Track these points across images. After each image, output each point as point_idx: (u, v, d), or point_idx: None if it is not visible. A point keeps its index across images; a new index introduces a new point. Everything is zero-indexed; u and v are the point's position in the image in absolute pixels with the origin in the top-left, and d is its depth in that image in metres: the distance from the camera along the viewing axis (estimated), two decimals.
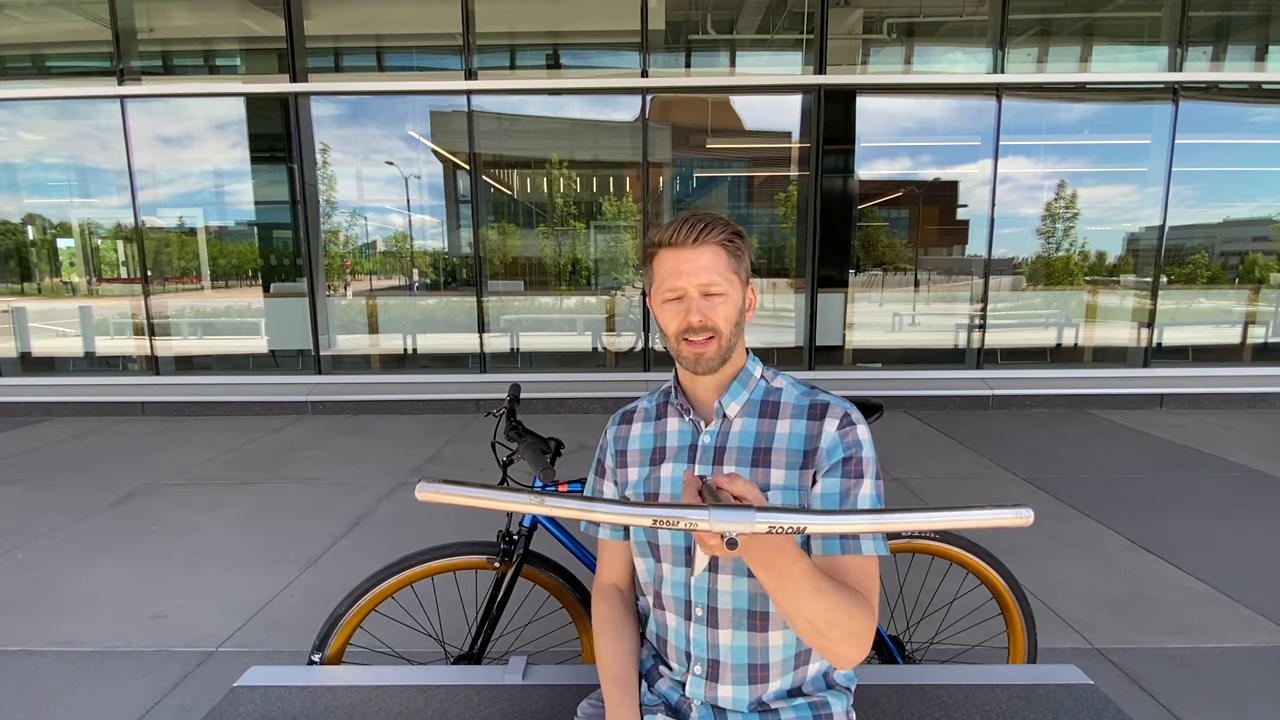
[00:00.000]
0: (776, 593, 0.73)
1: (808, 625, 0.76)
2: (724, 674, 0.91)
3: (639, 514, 0.60)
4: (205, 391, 5.53)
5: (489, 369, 5.86)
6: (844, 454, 0.89)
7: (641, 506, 0.61)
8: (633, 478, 1.00)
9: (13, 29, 5.70)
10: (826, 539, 0.86)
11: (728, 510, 0.59)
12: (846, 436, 0.90)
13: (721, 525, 0.58)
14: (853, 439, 0.89)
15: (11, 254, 6.11)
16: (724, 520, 0.58)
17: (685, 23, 5.77)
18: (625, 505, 0.61)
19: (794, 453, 0.90)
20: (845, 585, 0.81)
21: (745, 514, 0.59)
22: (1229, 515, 3.14)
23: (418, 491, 0.60)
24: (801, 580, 0.72)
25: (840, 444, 0.89)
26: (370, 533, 3.02)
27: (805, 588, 0.72)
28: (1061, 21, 5.60)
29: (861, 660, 0.81)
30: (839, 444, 0.89)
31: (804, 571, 0.72)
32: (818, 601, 0.74)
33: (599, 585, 1.07)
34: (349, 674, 1.21)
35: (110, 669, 2.02)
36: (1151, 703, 1.82)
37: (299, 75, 5.49)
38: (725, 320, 0.91)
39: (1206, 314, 5.99)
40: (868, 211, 5.99)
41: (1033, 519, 0.56)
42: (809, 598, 0.73)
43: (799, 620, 0.75)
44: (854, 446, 0.89)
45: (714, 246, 0.91)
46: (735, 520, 0.58)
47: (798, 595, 0.73)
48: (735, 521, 0.58)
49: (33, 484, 3.74)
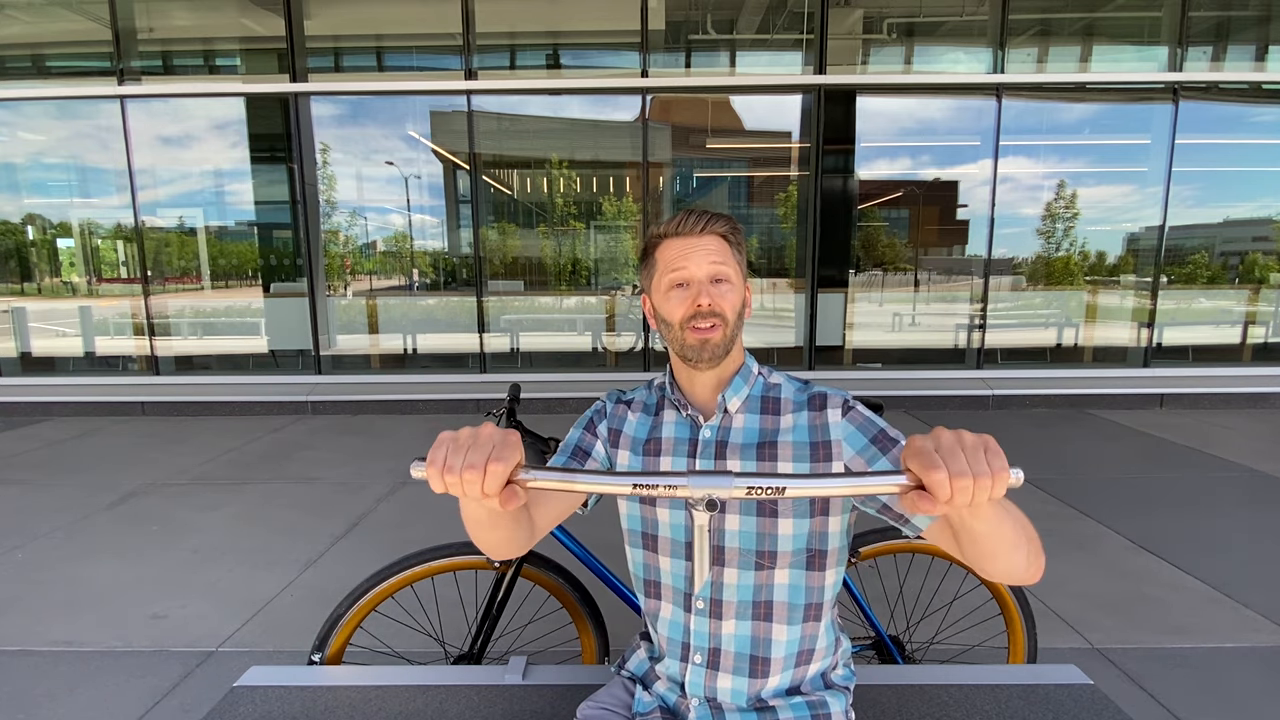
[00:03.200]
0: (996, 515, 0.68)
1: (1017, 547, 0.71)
2: (725, 662, 0.92)
3: (619, 483, 0.61)
4: (205, 391, 5.53)
5: (489, 369, 5.86)
6: (867, 435, 0.88)
7: (621, 475, 0.61)
8: (624, 461, 1.00)
9: (13, 29, 5.69)
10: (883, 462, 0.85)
11: (706, 476, 0.59)
12: (855, 420, 0.90)
13: (701, 490, 0.59)
14: (861, 420, 0.90)
15: (11, 254, 6.11)
16: (703, 485, 0.59)
17: (685, 23, 5.77)
18: (605, 475, 0.61)
19: (801, 444, 0.90)
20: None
21: (723, 478, 0.59)
22: (1229, 515, 3.14)
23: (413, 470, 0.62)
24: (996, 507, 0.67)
25: (855, 429, 0.89)
26: (370, 533, 3.02)
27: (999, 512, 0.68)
28: (1061, 21, 5.60)
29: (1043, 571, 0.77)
30: (853, 430, 0.89)
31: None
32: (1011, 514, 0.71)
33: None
34: (349, 674, 1.21)
35: (110, 669, 2.02)
36: (1151, 703, 1.82)
37: (299, 75, 5.49)
38: (731, 309, 0.91)
39: (1206, 314, 5.99)
40: (868, 211, 5.99)
41: (1022, 479, 0.55)
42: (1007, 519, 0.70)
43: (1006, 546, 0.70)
44: (869, 424, 0.89)
45: (718, 237, 0.92)
46: (714, 485, 0.59)
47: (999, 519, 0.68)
48: (714, 486, 0.59)
49: (33, 484, 3.74)
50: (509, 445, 0.62)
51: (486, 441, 0.62)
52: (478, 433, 0.63)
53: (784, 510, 0.89)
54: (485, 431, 0.63)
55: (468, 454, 0.61)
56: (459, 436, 0.63)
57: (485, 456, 0.61)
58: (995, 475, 0.55)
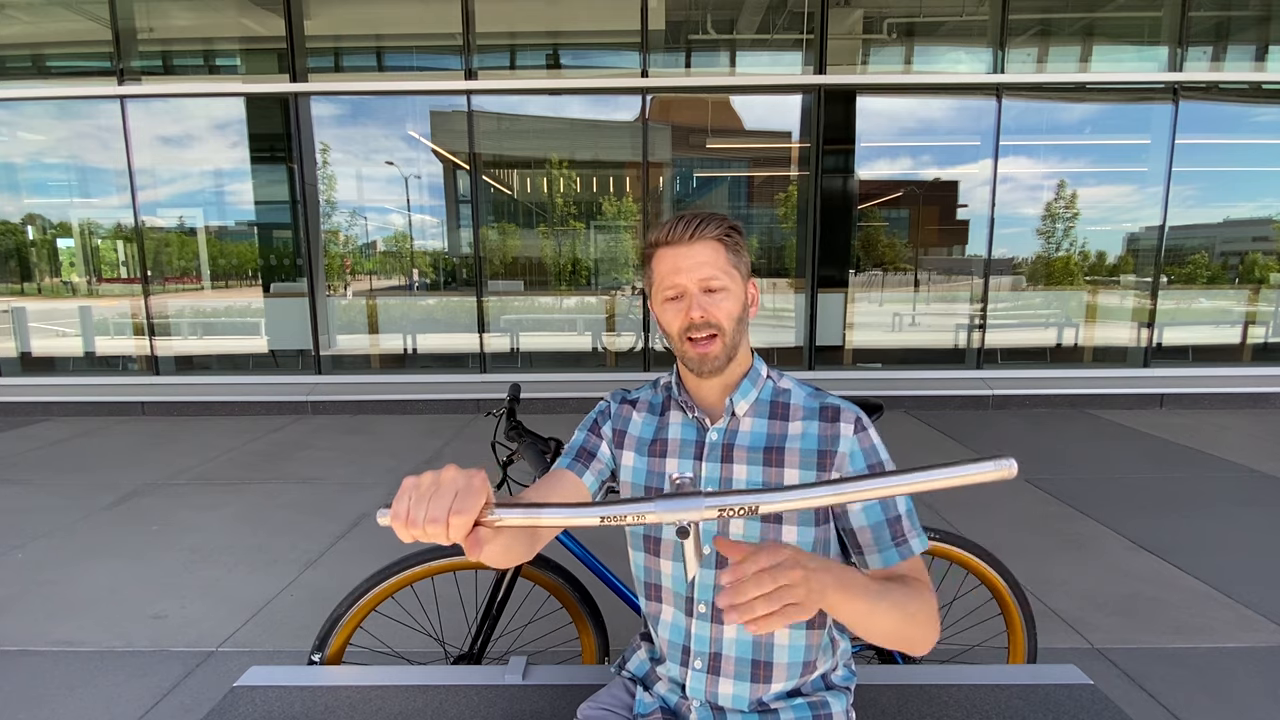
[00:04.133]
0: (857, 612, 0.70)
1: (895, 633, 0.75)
2: (726, 667, 0.91)
3: (586, 514, 0.58)
4: (205, 391, 5.53)
5: (489, 369, 5.86)
6: (866, 461, 0.89)
7: (588, 507, 0.59)
8: (629, 462, 0.99)
9: (13, 29, 5.70)
10: (884, 552, 0.86)
11: (674, 500, 0.56)
12: (864, 442, 0.90)
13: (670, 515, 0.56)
14: (869, 444, 0.90)
15: (11, 254, 6.11)
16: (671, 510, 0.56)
17: (685, 23, 5.77)
18: (571, 508, 0.59)
19: (808, 452, 0.90)
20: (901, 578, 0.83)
21: (692, 501, 0.56)
22: (1229, 515, 3.14)
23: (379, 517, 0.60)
24: (871, 587, 0.72)
25: (860, 450, 0.89)
26: (371, 533, 3.02)
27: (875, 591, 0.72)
28: (1061, 21, 5.60)
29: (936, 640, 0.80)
30: (859, 451, 0.89)
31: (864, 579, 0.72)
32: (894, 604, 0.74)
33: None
34: (349, 674, 1.21)
35: (110, 669, 2.02)
36: (1151, 703, 1.82)
37: (299, 75, 5.49)
38: (727, 317, 0.90)
39: (1206, 314, 5.99)
40: (868, 211, 5.99)
41: (1016, 470, 0.52)
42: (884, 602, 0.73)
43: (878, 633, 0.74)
44: (873, 452, 0.90)
45: (711, 242, 0.90)
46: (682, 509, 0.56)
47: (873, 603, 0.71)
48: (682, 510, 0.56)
49: (33, 484, 3.74)
50: (472, 491, 0.59)
51: (449, 489, 0.59)
52: (439, 478, 0.60)
53: (789, 518, 0.88)
54: (447, 476, 0.60)
55: (429, 506, 0.58)
56: (421, 484, 0.60)
57: (447, 509, 0.58)
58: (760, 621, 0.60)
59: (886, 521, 0.87)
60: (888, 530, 0.86)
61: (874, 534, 0.87)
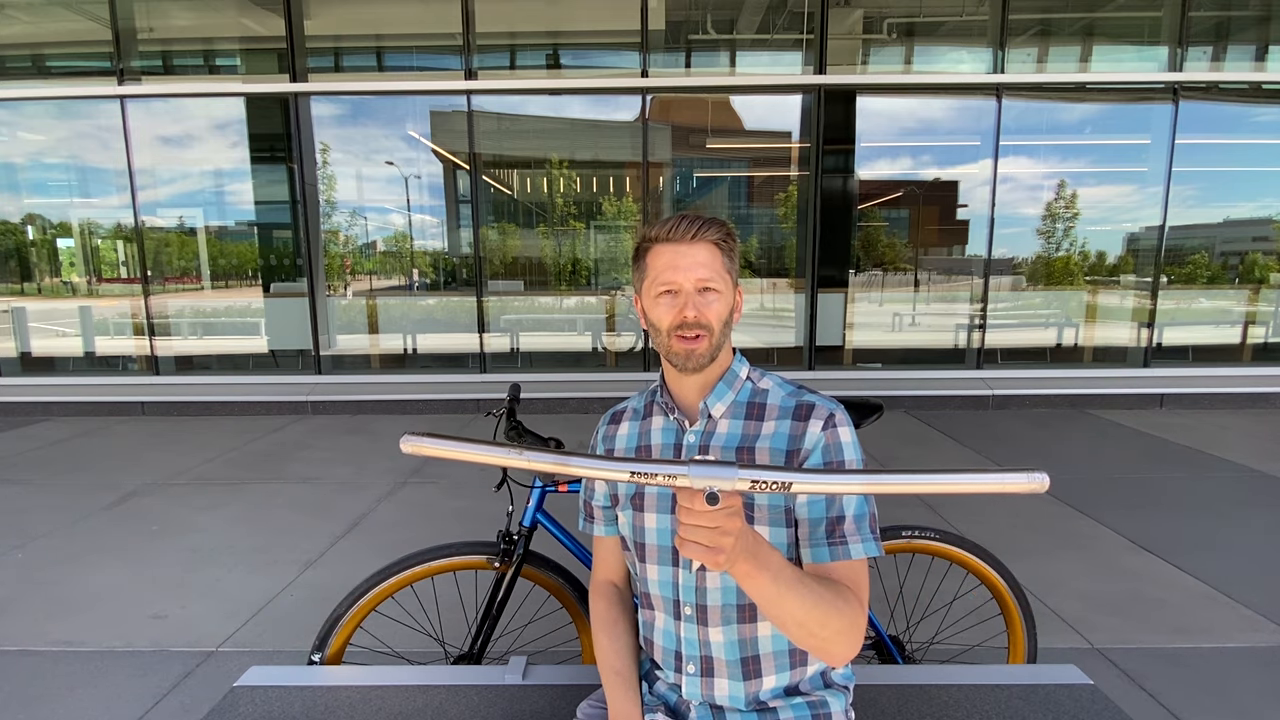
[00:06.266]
0: (765, 594, 0.74)
1: (799, 628, 0.77)
2: (719, 669, 0.92)
3: (617, 468, 0.59)
4: (205, 391, 5.53)
5: (489, 369, 5.86)
6: (824, 459, 0.89)
7: (620, 461, 0.59)
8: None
9: (13, 29, 5.69)
10: (815, 548, 0.87)
11: (708, 466, 0.57)
12: (829, 439, 0.89)
13: (702, 480, 0.57)
14: (834, 441, 0.89)
15: (11, 254, 6.11)
16: (704, 475, 0.57)
17: (685, 23, 5.77)
18: (602, 460, 0.60)
19: (777, 452, 0.90)
20: (831, 581, 0.82)
21: (726, 470, 0.57)
22: (1229, 515, 3.14)
23: (402, 443, 0.61)
24: (784, 572, 0.74)
25: (822, 447, 0.89)
26: (370, 533, 3.02)
27: (789, 578, 0.74)
28: (1061, 21, 5.60)
29: (854, 657, 0.82)
30: (821, 447, 0.89)
31: (783, 563, 0.74)
32: (806, 597, 0.75)
33: (595, 582, 1.08)
34: (349, 674, 1.21)
35: (110, 669, 2.02)
36: (1151, 703, 1.82)
37: (299, 75, 5.49)
38: (718, 318, 0.91)
39: (1206, 314, 5.99)
40: (868, 211, 5.99)
41: (1048, 484, 0.51)
42: (794, 593, 0.74)
43: (790, 624, 0.76)
44: (836, 449, 0.89)
45: (710, 245, 0.91)
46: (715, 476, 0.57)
47: (783, 589, 0.73)
48: (715, 477, 0.57)
49: (33, 484, 3.74)
50: None
51: None
52: None
53: (760, 517, 0.89)
54: None
55: None
56: None
57: None
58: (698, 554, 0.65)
59: (826, 519, 0.87)
60: (823, 527, 0.87)
61: (810, 528, 0.87)
